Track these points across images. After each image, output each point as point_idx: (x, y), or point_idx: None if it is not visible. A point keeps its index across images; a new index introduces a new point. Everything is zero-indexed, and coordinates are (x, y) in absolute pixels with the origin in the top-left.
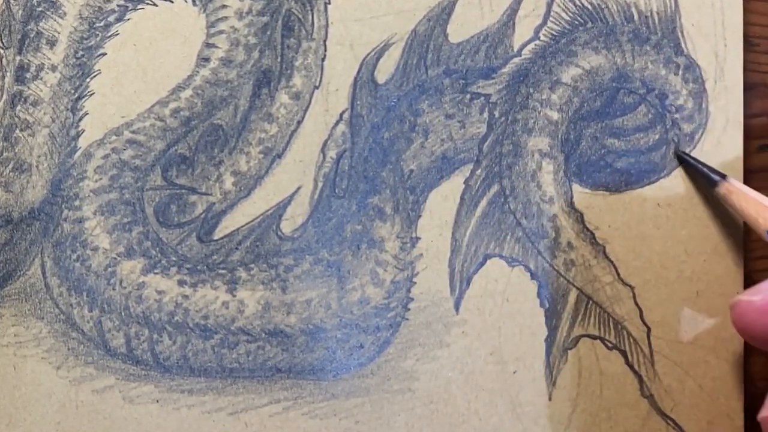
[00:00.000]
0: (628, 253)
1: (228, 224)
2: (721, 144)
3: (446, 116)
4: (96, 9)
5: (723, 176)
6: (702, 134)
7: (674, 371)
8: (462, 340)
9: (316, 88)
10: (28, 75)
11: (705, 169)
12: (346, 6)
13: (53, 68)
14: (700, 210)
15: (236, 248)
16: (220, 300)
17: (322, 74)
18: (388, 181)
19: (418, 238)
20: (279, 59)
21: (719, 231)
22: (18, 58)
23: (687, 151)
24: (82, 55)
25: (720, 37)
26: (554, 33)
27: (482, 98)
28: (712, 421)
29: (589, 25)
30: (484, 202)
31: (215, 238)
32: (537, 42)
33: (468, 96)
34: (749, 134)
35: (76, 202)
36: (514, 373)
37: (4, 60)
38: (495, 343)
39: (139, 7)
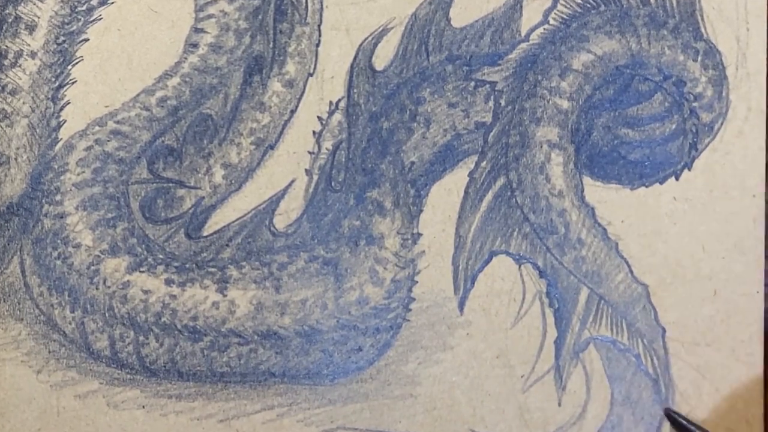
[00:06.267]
0: (643, 250)
1: (218, 220)
2: (743, 134)
3: (449, 105)
4: None
5: None
6: (722, 124)
7: (691, 375)
8: (467, 342)
9: (311, 75)
10: (6, 62)
11: None
12: None
13: (33, 55)
14: (719, 205)
15: (227, 245)
16: (209, 300)
17: (316, 61)
18: (387, 173)
19: (419, 235)
20: (271, 45)
21: (739, 227)
22: None
23: (706, 141)
24: (64, 41)
25: (742, 21)
26: (564, 17)
27: (487, 86)
28: (731, 427)
29: (602, 8)
30: (489, 196)
31: (204, 234)
32: (546, 26)
33: (472, 83)
34: None
35: (57, 197)
36: (521, 377)
37: None
38: (502, 346)
39: None
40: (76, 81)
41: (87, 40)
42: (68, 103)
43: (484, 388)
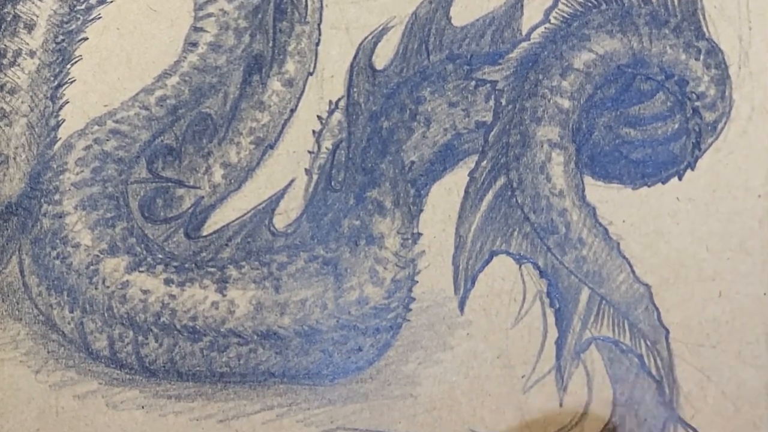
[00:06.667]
0: (645, 250)
1: (217, 219)
2: (747, 134)
3: (449, 104)
4: None
5: None
6: (725, 123)
7: (695, 376)
8: (467, 343)
9: (310, 74)
10: (4, 61)
11: None
12: None
13: (31, 54)
14: (723, 204)
15: (226, 245)
16: (209, 300)
17: (316, 60)
18: (387, 173)
19: (419, 234)
20: (271, 44)
21: (743, 228)
22: None
23: (710, 141)
24: (63, 40)
25: (744, 20)
26: (565, 15)
27: (488, 85)
28: (736, 430)
29: (603, 6)
30: (490, 196)
31: (204, 234)
32: (547, 25)
33: (473, 83)
34: None
35: (56, 196)
36: (522, 377)
37: None
38: (502, 346)
39: None
40: (75, 80)
41: (86, 39)
42: (67, 102)
43: (484, 388)
